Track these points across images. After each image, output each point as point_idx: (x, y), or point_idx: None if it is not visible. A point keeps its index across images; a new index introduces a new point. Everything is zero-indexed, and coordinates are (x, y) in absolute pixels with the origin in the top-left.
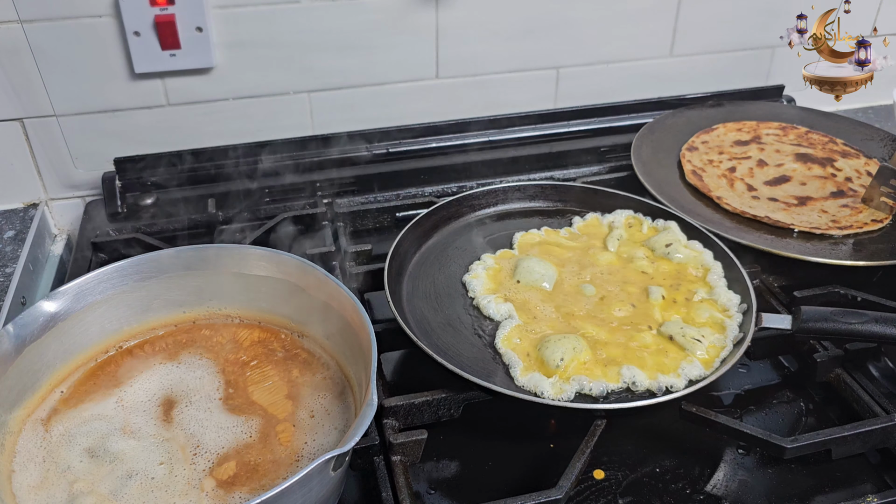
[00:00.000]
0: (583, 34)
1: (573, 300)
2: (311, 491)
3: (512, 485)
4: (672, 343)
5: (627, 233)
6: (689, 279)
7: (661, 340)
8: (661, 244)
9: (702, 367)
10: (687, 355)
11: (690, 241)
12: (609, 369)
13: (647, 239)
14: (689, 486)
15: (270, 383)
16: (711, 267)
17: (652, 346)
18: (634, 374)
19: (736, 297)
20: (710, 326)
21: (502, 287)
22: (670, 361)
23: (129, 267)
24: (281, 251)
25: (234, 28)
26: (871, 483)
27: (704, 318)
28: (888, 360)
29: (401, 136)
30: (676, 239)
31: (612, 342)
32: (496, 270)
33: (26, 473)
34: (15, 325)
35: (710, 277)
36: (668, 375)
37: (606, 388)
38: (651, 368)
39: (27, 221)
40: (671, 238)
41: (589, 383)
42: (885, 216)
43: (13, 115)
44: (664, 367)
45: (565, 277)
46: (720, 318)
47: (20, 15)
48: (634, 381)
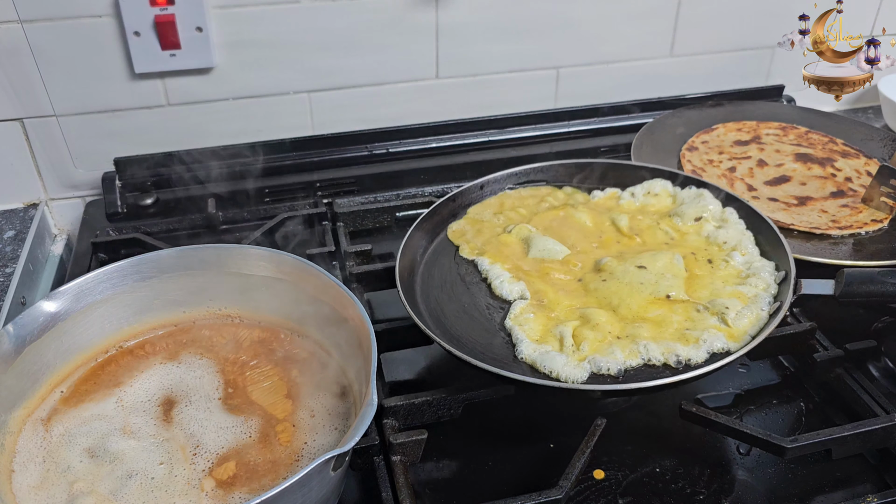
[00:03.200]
0: (583, 34)
1: (588, 274)
2: (311, 491)
3: (512, 485)
4: (699, 314)
5: (653, 200)
6: (718, 248)
7: (687, 309)
8: (690, 217)
9: (725, 339)
10: (710, 326)
11: (726, 209)
12: (625, 344)
13: (674, 209)
14: (689, 486)
15: (270, 383)
16: (743, 238)
17: (678, 315)
18: (649, 348)
19: (770, 263)
20: (739, 297)
21: (515, 265)
22: (693, 333)
23: (129, 267)
24: (281, 251)
25: (234, 28)
26: (871, 483)
27: (731, 290)
28: (888, 360)
29: (401, 136)
30: (708, 209)
31: (631, 315)
32: (510, 246)
33: (26, 473)
34: (15, 325)
35: (743, 246)
36: (688, 346)
37: (622, 366)
38: (671, 340)
39: (27, 221)
40: (701, 210)
41: (605, 363)
42: (885, 216)
43: (13, 115)
44: (685, 339)
45: (580, 250)
46: (751, 290)
47: (20, 15)
48: (649, 356)
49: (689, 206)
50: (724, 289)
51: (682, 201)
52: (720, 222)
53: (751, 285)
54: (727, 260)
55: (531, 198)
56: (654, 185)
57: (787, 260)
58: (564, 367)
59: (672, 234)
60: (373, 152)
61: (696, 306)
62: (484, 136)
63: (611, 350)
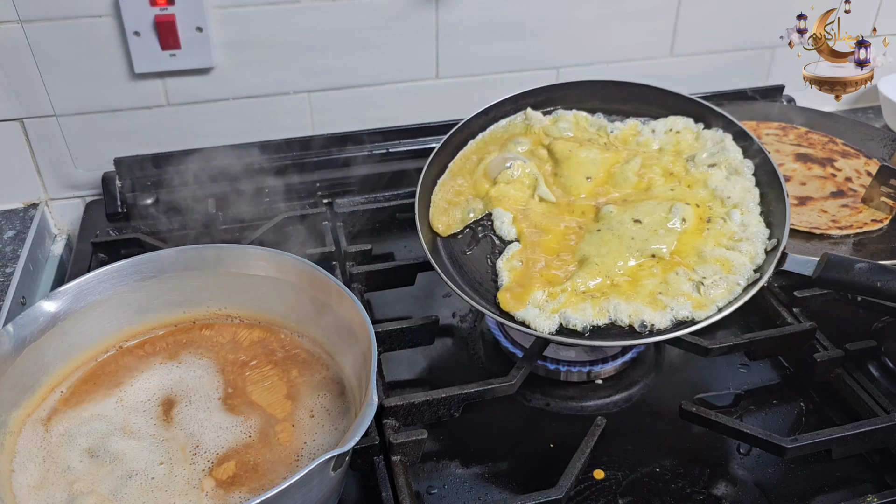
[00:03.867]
0: (583, 34)
1: (588, 222)
2: (310, 491)
3: (512, 485)
4: (676, 277)
5: (674, 139)
6: (721, 203)
7: (665, 271)
8: (704, 163)
9: (692, 308)
10: (681, 293)
11: (745, 161)
12: (597, 302)
13: (692, 153)
14: (689, 486)
15: (270, 383)
16: (747, 196)
17: (655, 277)
18: (618, 308)
19: (765, 231)
20: (722, 264)
21: (519, 202)
22: (663, 299)
23: (128, 267)
24: (281, 251)
25: (234, 28)
26: (871, 483)
27: (718, 254)
28: (888, 360)
29: (401, 136)
30: (726, 156)
31: (611, 272)
32: (523, 179)
33: (26, 473)
34: (15, 325)
35: (745, 205)
36: (655, 312)
37: (589, 323)
38: (641, 303)
39: (27, 221)
40: (716, 157)
41: (574, 318)
42: (885, 216)
43: (13, 115)
44: (655, 303)
45: (586, 193)
46: (737, 257)
47: (20, 15)
48: (617, 316)
49: (707, 151)
50: (713, 252)
51: (704, 143)
52: (732, 172)
53: (739, 251)
54: (725, 219)
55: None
56: (676, 122)
57: (782, 229)
58: (536, 318)
59: (680, 182)
60: (373, 152)
61: (676, 269)
62: None
63: (582, 307)
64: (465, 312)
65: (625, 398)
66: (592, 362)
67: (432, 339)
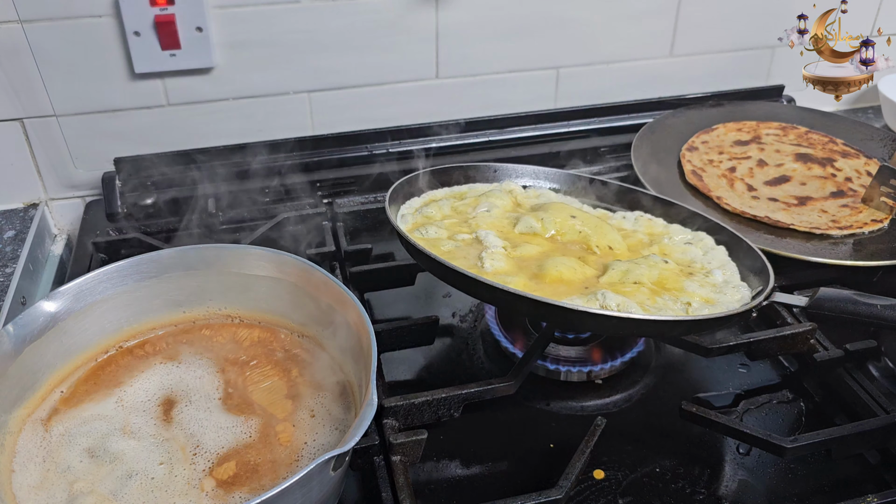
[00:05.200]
0: (583, 34)
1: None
2: (311, 491)
3: (512, 485)
4: (660, 300)
5: (644, 224)
6: (701, 266)
7: (652, 295)
8: (681, 241)
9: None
10: (672, 309)
11: (717, 246)
12: (586, 294)
13: (665, 233)
14: (689, 486)
15: (270, 383)
16: (727, 263)
17: (642, 295)
18: (606, 296)
19: (747, 287)
20: (707, 301)
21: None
22: (650, 307)
23: (129, 267)
24: (281, 251)
25: (234, 28)
26: (871, 483)
27: (703, 293)
28: (888, 360)
29: (401, 136)
30: (701, 238)
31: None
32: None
33: (26, 473)
34: (15, 325)
35: (727, 268)
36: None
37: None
38: (632, 300)
39: (27, 221)
40: (692, 238)
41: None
42: (885, 216)
43: (13, 115)
44: (642, 306)
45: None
46: (723, 298)
47: (20, 15)
48: (605, 302)
49: (681, 233)
50: (698, 290)
51: (675, 230)
52: (707, 250)
53: (724, 293)
54: (706, 275)
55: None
56: (645, 214)
57: (767, 277)
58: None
59: (658, 253)
60: (373, 152)
61: (662, 294)
62: (484, 136)
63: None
64: (465, 312)
65: (625, 398)
66: (592, 362)
67: (432, 339)
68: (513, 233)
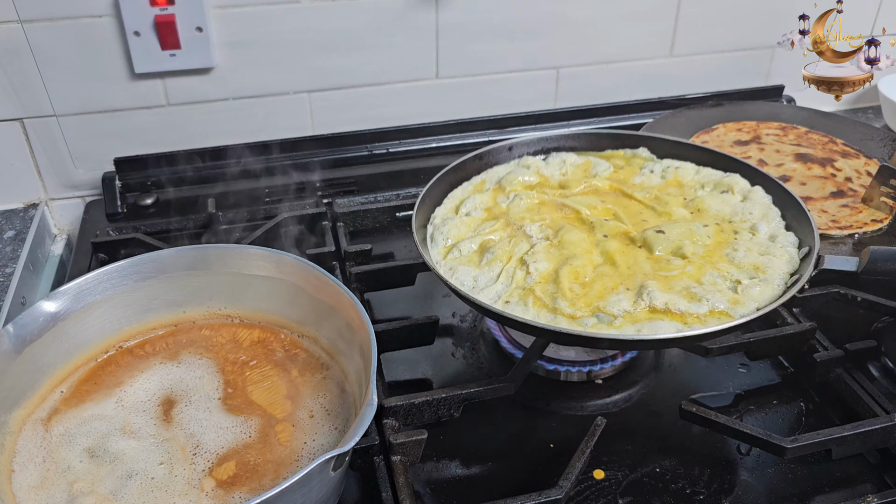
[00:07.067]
0: (583, 34)
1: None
2: (311, 491)
3: (512, 485)
4: (711, 278)
5: (672, 174)
6: (742, 219)
7: (701, 271)
8: (717, 190)
9: (728, 303)
10: (719, 290)
11: (754, 187)
12: (633, 292)
13: (698, 180)
14: (689, 486)
15: (270, 383)
16: (769, 211)
17: (690, 276)
18: (652, 294)
19: (795, 239)
20: (756, 268)
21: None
22: (701, 291)
23: (129, 267)
24: (281, 251)
25: (234, 28)
26: (871, 483)
27: (751, 260)
28: (888, 360)
29: (401, 136)
30: (736, 183)
31: (642, 269)
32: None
33: (26, 473)
34: (15, 325)
35: (770, 217)
36: (691, 303)
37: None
38: (676, 294)
39: (27, 221)
40: (728, 185)
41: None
42: (885, 216)
43: (13, 115)
44: (691, 296)
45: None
46: (774, 261)
47: (20, 15)
48: (651, 304)
49: (714, 178)
50: (745, 257)
51: (707, 175)
52: (746, 195)
53: (773, 255)
54: (753, 232)
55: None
56: (673, 162)
57: (811, 235)
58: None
59: (697, 204)
60: (373, 152)
61: (709, 272)
62: (484, 136)
63: (616, 298)
64: (464, 312)
65: (625, 398)
66: (592, 362)
67: (432, 339)
68: (549, 216)
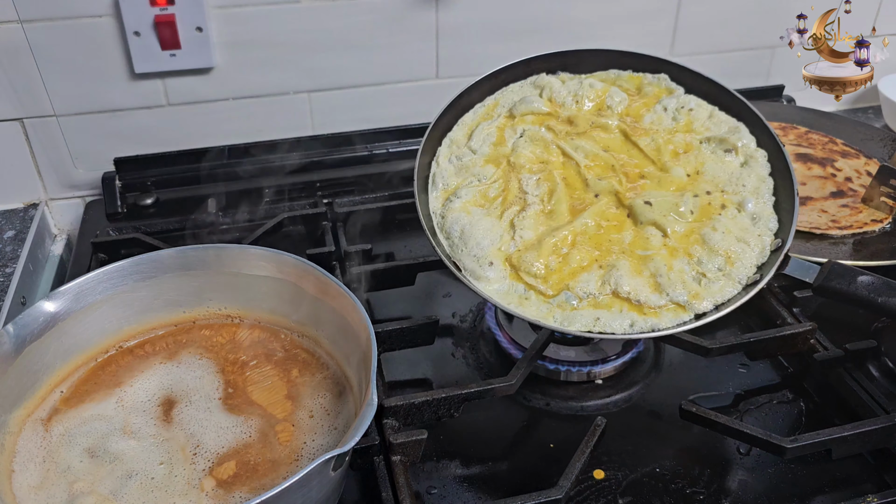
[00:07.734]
0: (583, 34)
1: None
2: (311, 491)
3: (512, 485)
4: (681, 264)
5: (685, 117)
6: (734, 191)
7: (675, 253)
8: (721, 148)
9: (687, 297)
10: (683, 281)
11: (758, 150)
12: (602, 273)
13: (707, 133)
14: (689, 486)
15: (270, 383)
16: (762, 185)
17: (663, 258)
18: (619, 280)
19: (776, 226)
20: (727, 258)
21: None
22: (665, 282)
23: (129, 267)
24: (281, 251)
25: (234, 28)
26: (871, 483)
27: (726, 245)
28: (888, 360)
29: (401, 136)
30: (741, 144)
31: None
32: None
33: (26, 473)
34: (15, 325)
35: (761, 194)
36: (653, 294)
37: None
38: (643, 281)
39: (27, 221)
40: (734, 143)
41: (576, 288)
42: (885, 216)
43: (13, 115)
44: (656, 286)
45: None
46: (744, 250)
47: (20, 15)
48: (617, 288)
49: (723, 127)
50: (722, 240)
51: (718, 123)
52: (748, 159)
53: (747, 244)
54: (739, 209)
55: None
56: (689, 100)
57: (789, 228)
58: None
59: (696, 166)
60: (373, 152)
61: (681, 257)
62: None
63: (586, 277)
64: (465, 312)
65: (625, 398)
66: (592, 362)
67: (432, 339)
68: (548, 161)
